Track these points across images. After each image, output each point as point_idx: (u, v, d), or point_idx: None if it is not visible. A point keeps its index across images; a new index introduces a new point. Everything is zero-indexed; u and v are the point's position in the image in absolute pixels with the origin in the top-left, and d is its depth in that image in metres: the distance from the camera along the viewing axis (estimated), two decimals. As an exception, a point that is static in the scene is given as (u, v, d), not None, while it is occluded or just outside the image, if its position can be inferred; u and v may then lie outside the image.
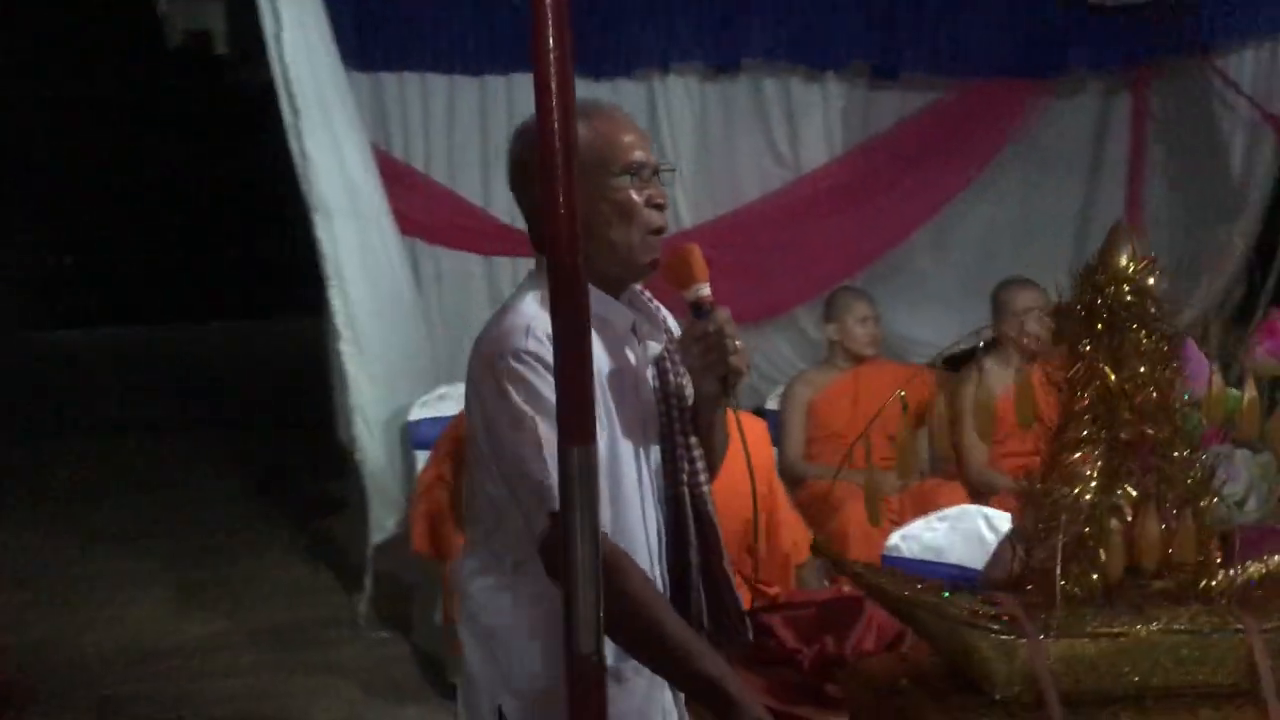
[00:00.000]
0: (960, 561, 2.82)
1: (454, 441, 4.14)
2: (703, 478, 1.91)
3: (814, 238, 5.80)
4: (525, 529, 1.75)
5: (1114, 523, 1.15)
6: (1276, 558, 1.22)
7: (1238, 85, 5.57)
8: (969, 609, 1.16)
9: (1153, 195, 6.00)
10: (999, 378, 4.11)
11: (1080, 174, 6.26)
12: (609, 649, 1.81)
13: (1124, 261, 1.17)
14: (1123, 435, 1.15)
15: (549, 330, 1.69)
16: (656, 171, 1.90)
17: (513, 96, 5.87)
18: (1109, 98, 6.12)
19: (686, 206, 5.87)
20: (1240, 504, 1.33)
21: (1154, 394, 1.16)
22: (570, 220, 1.11)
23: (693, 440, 1.91)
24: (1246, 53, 5.51)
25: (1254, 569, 1.23)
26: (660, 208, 1.88)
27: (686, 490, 1.90)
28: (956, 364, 5.52)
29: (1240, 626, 1.15)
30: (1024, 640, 1.13)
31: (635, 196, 1.85)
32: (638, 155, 1.87)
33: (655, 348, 1.91)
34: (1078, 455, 1.16)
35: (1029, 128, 6.04)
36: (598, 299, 1.84)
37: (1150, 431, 1.16)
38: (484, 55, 5.79)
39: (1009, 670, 1.14)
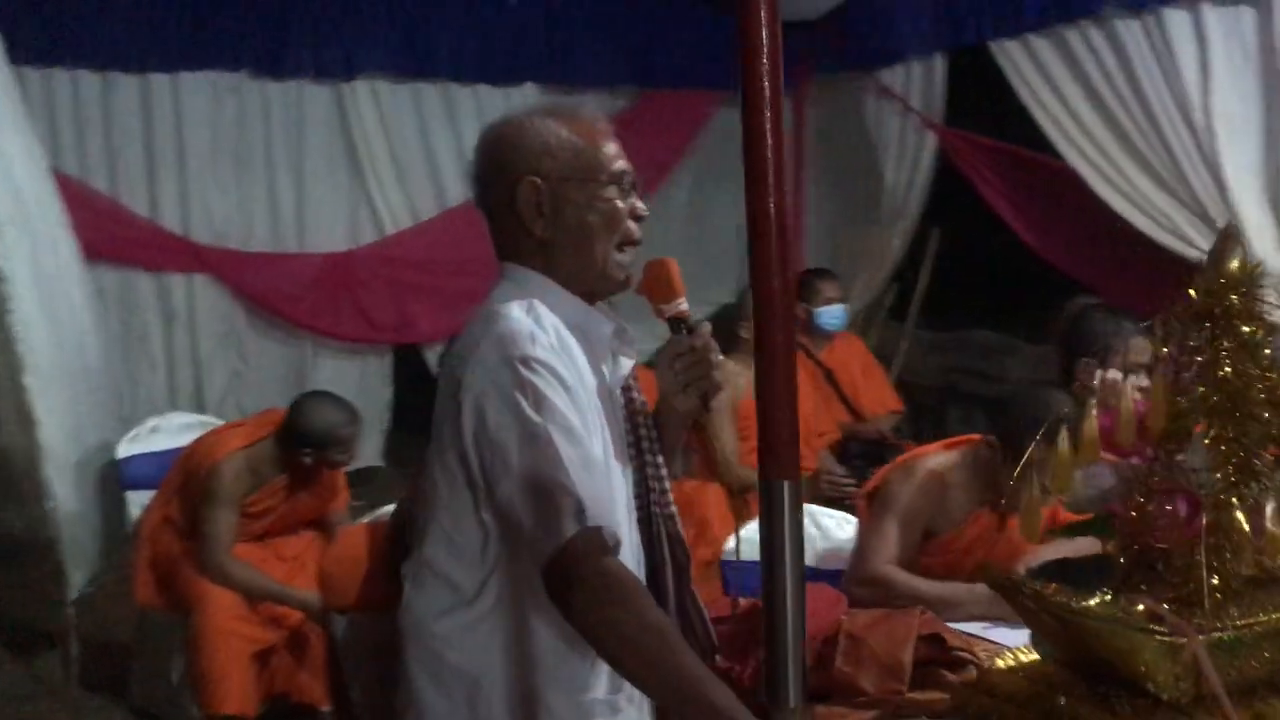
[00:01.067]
0: (794, 561, 2.91)
1: (183, 477, 3.76)
2: (670, 497, 1.85)
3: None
4: (527, 547, 1.62)
5: (1242, 517, 1.24)
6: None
7: (896, 95, 6.09)
8: (1131, 614, 1.20)
9: (821, 200, 6.44)
10: (743, 377, 4.27)
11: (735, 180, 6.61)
12: (603, 680, 1.72)
13: (1235, 266, 1.27)
14: (1243, 430, 1.24)
15: (550, 341, 1.68)
16: (635, 183, 1.83)
17: (180, 98, 5.44)
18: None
19: (386, 213, 5.69)
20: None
21: (1268, 389, 1.26)
22: (782, 241, 1.04)
23: (660, 459, 1.85)
24: (903, 67, 6.01)
25: None
26: (641, 219, 1.82)
27: (659, 511, 1.83)
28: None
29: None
30: (1184, 640, 1.19)
31: (622, 207, 1.78)
32: (621, 164, 1.81)
33: (628, 364, 1.84)
34: (1211, 454, 1.23)
35: (701, 139, 6.32)
36: (581, 309, 1.79)
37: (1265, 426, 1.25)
38: (146, 51, 5.32)
39: (1174, 669, 1.19)
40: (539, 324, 1.69)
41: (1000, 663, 2.02)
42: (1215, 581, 1.23)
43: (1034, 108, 5.38)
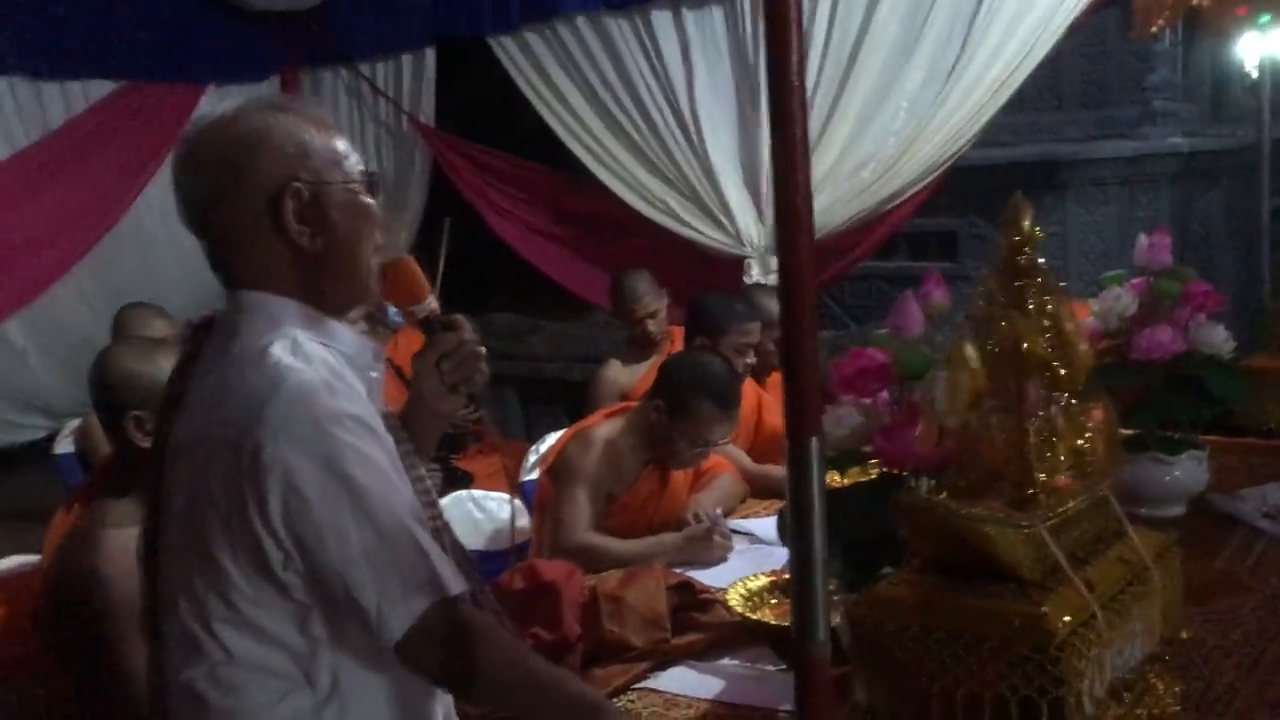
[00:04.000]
0: (466, 545, 2.96)
1: None
2: (439, 508, 1.76)
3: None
4: (363, 623, 1.51)
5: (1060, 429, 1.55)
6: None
7: (380, 91, 6.14)
8: (996, 515, 1.47)
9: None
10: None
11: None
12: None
13: (1026, 227, 1.55)
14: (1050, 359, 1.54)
15: (342, 385, 1.53)
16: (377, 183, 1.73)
17: None
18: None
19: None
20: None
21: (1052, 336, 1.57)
22: (807, 191, 1.12)
23: (424, 470, 1.74)
24: (393, 61, 6.08)
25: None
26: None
27: (437, 525, 1.71)
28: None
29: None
30: (1034, 528, 1.48)
31: (376, 209, 1.67)
32: (362, 163, 1.68)
33: (377, 379, 1.72)
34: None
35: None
36: (349, 337, 1.66)
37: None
38: None
39: (1030, 553, 1.48)
40: (308, 362, 1.53)
41: (734, 593, 2.28)
42: (1043, 479, 1.53)
43: (535, 100, 5.72)
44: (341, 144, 1.65)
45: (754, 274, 5.38)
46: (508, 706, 1.70)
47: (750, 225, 5.38)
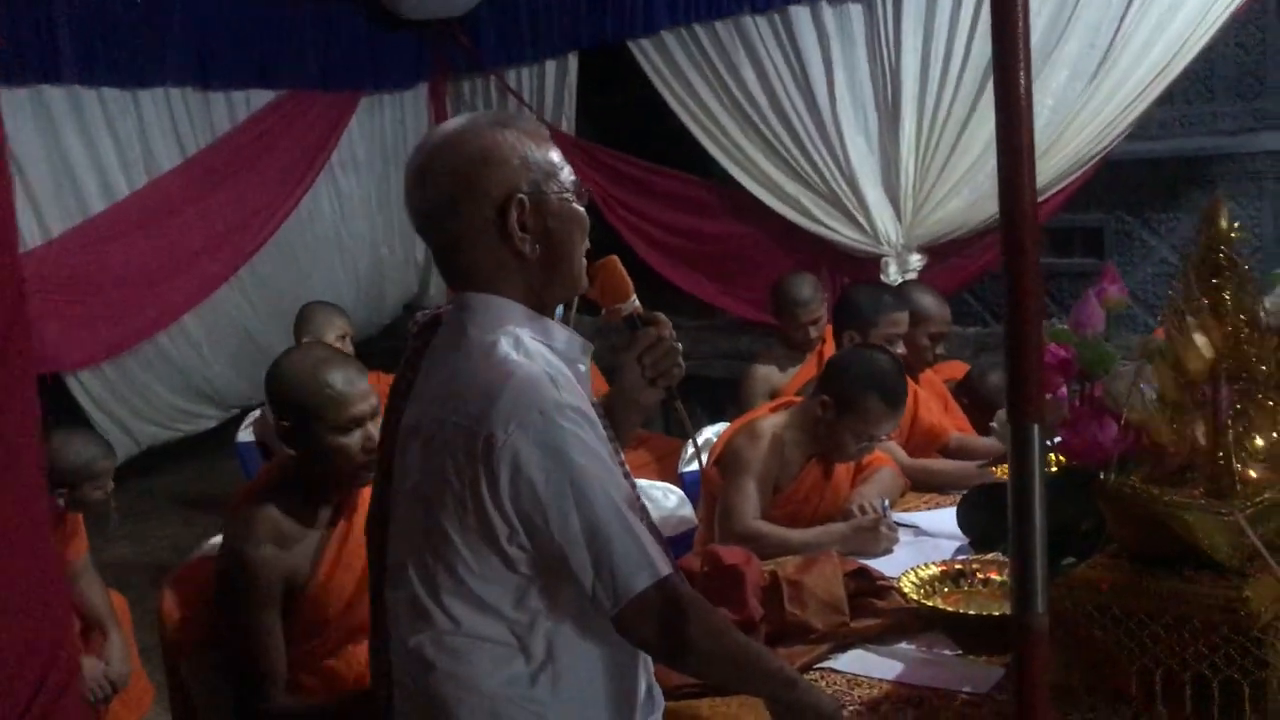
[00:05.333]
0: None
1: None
2: (637, 493, 1.82)
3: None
4: (582, 596, 1.63)
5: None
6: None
7: (521, 99, 6.34)
8: (1196, 503, 1.53)
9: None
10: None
11: (375, 178, 6.63)
12: (641, 688, 1.80)
13: (1224, 225, 1.61)
14: (1243, 357, 1.60)
15: (561, 378, 1.65)
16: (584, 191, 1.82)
17: None
18: (410, 106, 6.56)
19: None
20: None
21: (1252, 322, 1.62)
22: (1032, 182, 1.17)
23: (622, 457, 1.82)
24: (537, 66, 6.27)
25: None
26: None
27: (641, 506, 1.80)
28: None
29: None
30: (1233, 515, 1.54)
31: (585, 215, 1.78)
32: (572, 172, 1.78)
33: (584, 370, 1.81)
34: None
35: (341, 138, 6.27)
36: (563, 334, 1.75)
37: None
38: None
39: (1230, 540, 1.54)
40: (530, 358, 1.64)
41: (906, 581, 2.35)
42: (1239, 469, 1.59)
43: (672, 102, 5.84)
44: (556, 156, 1.76)
45: (891, 272, 5.40)
46: (713, 676, 1.82)
47: (887, 223, 5.41)
